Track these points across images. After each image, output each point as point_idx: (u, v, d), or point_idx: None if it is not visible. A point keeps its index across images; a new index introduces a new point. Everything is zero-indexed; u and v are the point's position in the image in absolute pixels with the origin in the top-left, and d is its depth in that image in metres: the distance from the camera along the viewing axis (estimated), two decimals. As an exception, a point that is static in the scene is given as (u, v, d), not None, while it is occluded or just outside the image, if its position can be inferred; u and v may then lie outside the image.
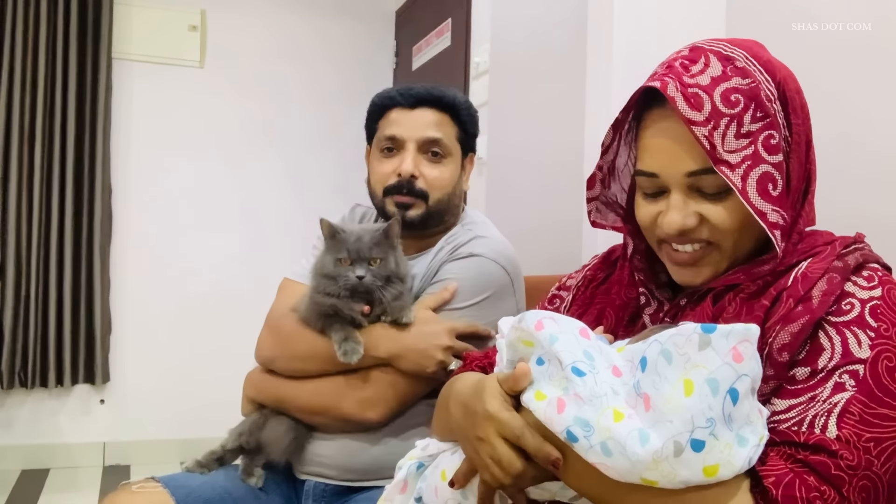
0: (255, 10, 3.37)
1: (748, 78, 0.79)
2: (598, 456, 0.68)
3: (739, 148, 0.77)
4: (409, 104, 1.36)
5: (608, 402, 0.69)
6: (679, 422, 0.65)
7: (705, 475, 0.65)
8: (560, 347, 0.74)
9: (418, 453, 0.93)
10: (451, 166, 1.38)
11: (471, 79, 2.49)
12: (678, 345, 0.69)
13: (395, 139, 1.36)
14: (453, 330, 1.25)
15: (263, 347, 1.38)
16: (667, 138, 0.81)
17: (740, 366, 0.66)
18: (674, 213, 0.81)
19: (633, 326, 0.92)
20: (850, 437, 0.68)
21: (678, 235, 0.83)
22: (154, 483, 1.24)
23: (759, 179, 0.77)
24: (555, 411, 0.71)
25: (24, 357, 2.99)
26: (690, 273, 0.85)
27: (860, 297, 0.75)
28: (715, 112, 0.77)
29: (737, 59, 0.80)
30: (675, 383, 0.67)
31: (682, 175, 0.80)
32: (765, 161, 0.78)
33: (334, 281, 1.26)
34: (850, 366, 0.72)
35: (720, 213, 0.80)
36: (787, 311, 0.76)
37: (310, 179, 3.43)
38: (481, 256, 1.32)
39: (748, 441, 0.66)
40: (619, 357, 0.75)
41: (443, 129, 1.37)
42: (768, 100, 0.79)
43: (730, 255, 0.83)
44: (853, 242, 0.83)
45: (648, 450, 0.65)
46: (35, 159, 2.96)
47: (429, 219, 1.36)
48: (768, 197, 0.77)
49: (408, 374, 1.25)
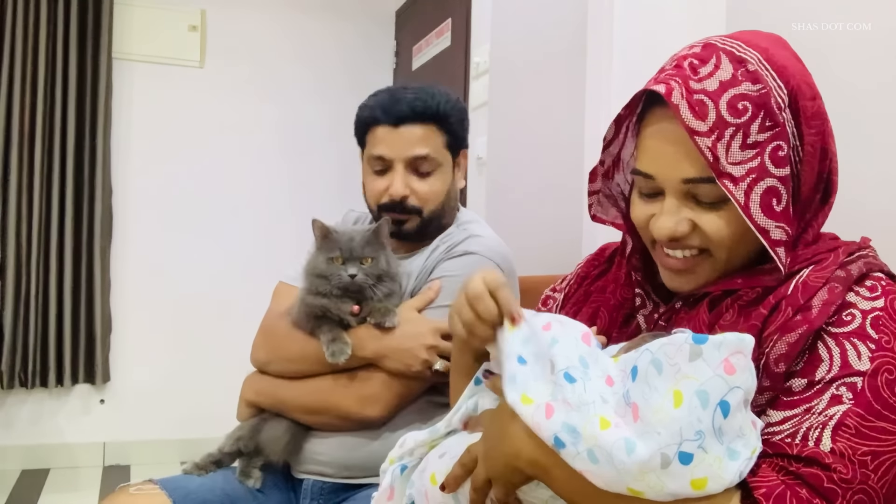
0: (255, 11, 3.37)
1: (759, 84, 0.75)
2: (584, 463, 0.67)
3: (744, 160, 0.74)
4: (392, 122, 1.34)
5: (596, 410, 0.69)
6: (667, 434, 0.64)
7: (693, 488, 0.64)
8: (557, 351, 0.74)
9: (398, 452, 0.93)
10: (442, 176, 1.38)
11: (471, 79, 2.48)
12: (669, 355, 0.67)
13: (382, 159, 1.35)
14: (438, 330, 1.25)
15: (258, 351, 1.39)
16: (666, 142, 0.79)
17: (732, 378, 0.64)
18: (666, 217, 0.80)
19: (626, 327, 0.90)
20: (844, 450, 0.67)
21: (669, 241, 0.81)
22: (152, 485, 1.25)
23: (764, 194, 0.74)
24: (543, 417, 0.71)
25: (24, 357, 2.99)
26: (680, 280, 0.83)
27: (862, 307, 0.73)
28: (720, 121, 0.74)
29: (749, 61, 0.76)
30: (664, 394, 0.66)
31: (678, 181, 0.78)
32: (771, 175, 0.75)
33: (326, 280, 1.27)
34: (848, 378, 0.70)
35: (714, 222, 0.78)
36: (785, 320, 0.74)
37: (310, 179, 3.43)
38: (476, 254, 1.32)
39: (739, 454, 0.65)
40: (614, 367, 0.75)
41: (430, 142, 1.35)
42: (778, 108, 0.75)
43: (723, 266, 0.81)
44: (857, 249, 0.80)
45: (635, 459, 0.64)
46: (35, 159, 2.96)
47: (425, 227, 1.38)
48: (772, 213, 0.75)
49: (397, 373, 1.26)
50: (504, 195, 2.30)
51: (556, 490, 0.73)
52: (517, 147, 2.29)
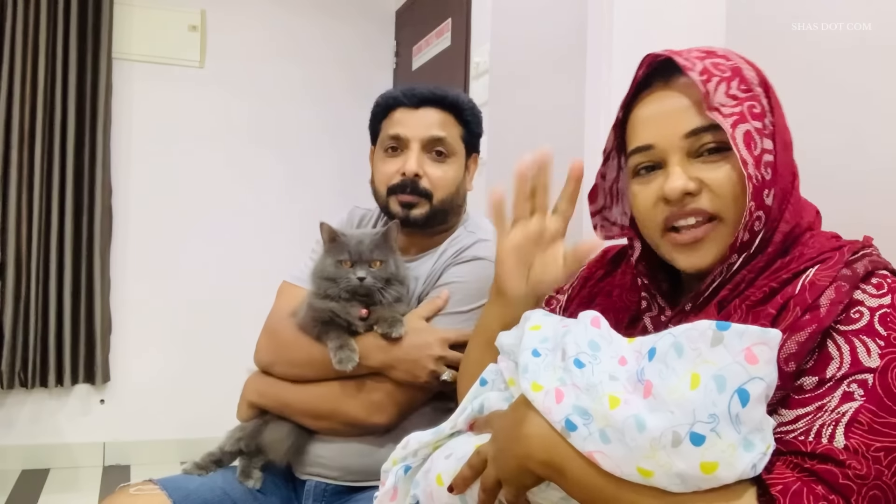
0: (255, 10, 3.37)
1: (731, 61, 0.84)
2: (595, 444, 0.68)
3: (728, 104, 0.81)
4: (412, 104, 1.36)
5: (604, 389, 0.69)
6: (680, 413, 0.64)
7: (703, 471, 0.64)
8: (569, 340, 0.75)
9: (401, 452, 0.93)
10: (455, 166, 1.38)
11: (471, 79, 2.48)
12: (691, 339, 0.68)
13: (399, 138, 1.35)
14: (445, 340, 1.25)
15: (262, 352, 1.38)
16: (660, 109, 0.85)
17: (754, 368, 0.65)
18: (674, 177, 0.82)
19: (633, 329, 0.91)
20: (858, 446, 0.67)
21: (680, 203, 0.83)
22: (152, 485, 1.24)
23: (745, 135, 0.80)
24: (553, 401, 0.71)
25: (24, 357, 2.99)
26: (695, 256, 0.84)
27: (869, 304, 0.74)
28: (707, 71, 0.82)
29: (717, 51, 0.85)
30: (682, 376, 0.67)
31: (679, 137, 0.83)
32: (748, 121, 0.81)
33: (335, 283, 1.26)
34: (858, 375, 0.70)
35: (718, 176, 0.82)
36: (794, 319, 0.74)
37: (310, 180, 3.43)
38: (485, 260, 1.32)
39: (755, 447, 0.65)
40: (628, 347, 0.75)
41: (447, 128, 1.36)
42: (751, 80, 0.83)
43: (732, 228, 0.82)
44: (861, 248, 0.81)
45: (646, 437, 0.65)
46: (35, 159, 2.97)
47: (432, 218, 1.36)
48: (750, 152, 0.80)
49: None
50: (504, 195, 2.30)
51: (569, 490, 0.73)
52: (517, 147, 2.28)
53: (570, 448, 0.71)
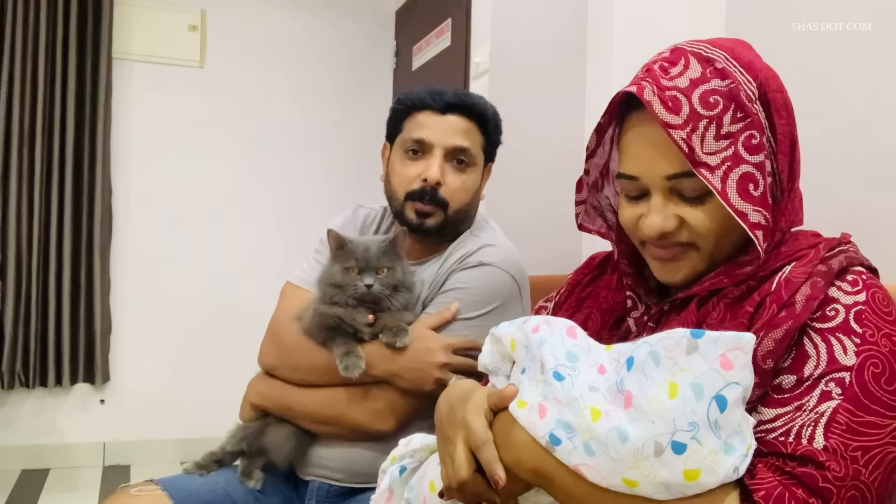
0: (255, 11, 3.37)
1: (728, 79, 0.78)
2: (580, 457, 0.68)
3: (719, 150, 0.77)
4: (439, 108, 1.34)
5: (585, 402, 0.70)
6: (661, 423, 0.65)
7: (686, 479, 0.64)
8: (546, 351, 0.75)
9: (401, 450, 0.93)
10: (474, 175, 1.37)
11: (471, 79, 2.48)
12: (667, 347, 0.69)
13: (422, 143, 1.34)
14: (450, 347, 1.24)
15: (265, 355, 1.38)
16: (645, 142, 0.81)
17: (729, 373, 0.65)
18: (654, 215, 0.82)
19: (617, 329, 0.92)
20: (837, 447, 0.67)
21: (658, 239, 0.83)
22: (153, 486, 1.25)
23: (740, 180, 0.76)
24: (537, 417, 0.72)
25: (24, 357, 2.99)
26: (670, 269, 0.85)
27: (844, 302, 0.75)
28: (693, 114, 0.77)
29: (717, 60, 0.79)
30: (660, 385, 0.67)
31: (661, 178, 0.81)
32: (745, 161, 0.77)
33: (342, 290, 1.26)
34: (836, 373, 0.71)
35: (700, 216, 0.80)
36: (770, 316, 0.75)
37: (310, 180, 3.43)
38: (491, 266, 1.31)
39: (735, 450, 0.66)
40: (606, 356, 0.75)
41: (470, 137, 1.35)
42: (749, 100, 0.78)
43: (708, 257, 0.83)
44: (838, 244, 0.82)
45: (629, 448, 0.65)
46: (35, 159, 2.96)
47: (445, 227, 1.36)
48: (749, 197, 0.77)
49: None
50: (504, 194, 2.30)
51: (557, 497, 0.74)
52: (517, 146, 2.28)
53: (556, 459, 0.71)
